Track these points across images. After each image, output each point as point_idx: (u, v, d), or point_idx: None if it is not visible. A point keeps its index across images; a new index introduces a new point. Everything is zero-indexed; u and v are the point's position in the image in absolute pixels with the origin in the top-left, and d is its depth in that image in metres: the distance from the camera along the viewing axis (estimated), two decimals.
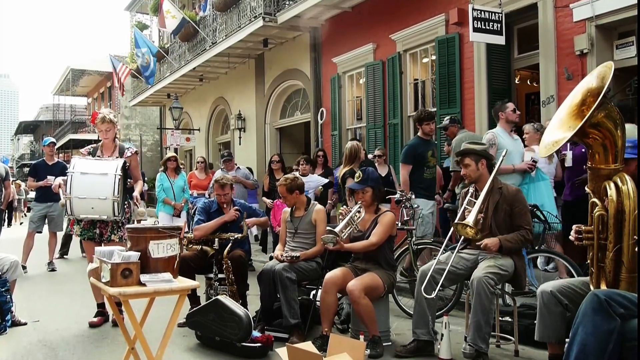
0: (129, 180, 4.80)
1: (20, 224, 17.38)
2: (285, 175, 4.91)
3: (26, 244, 7.88)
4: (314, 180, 7.81)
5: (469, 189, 4.12)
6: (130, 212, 4.91)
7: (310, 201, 4.83)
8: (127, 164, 4.73)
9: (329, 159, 8.96)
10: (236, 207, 5.04)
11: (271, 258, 4.83)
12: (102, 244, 4.65)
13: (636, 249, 2.41)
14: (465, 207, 3.87)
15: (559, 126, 2.58)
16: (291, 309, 4.21)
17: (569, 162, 5.67)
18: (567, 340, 2.62)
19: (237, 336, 3.94)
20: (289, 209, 4.84)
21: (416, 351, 3.85)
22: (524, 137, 6.48)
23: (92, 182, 4.30)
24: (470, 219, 3.59)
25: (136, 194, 4.74)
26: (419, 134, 6.10)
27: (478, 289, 3.55)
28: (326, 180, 7.62)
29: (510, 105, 5.40)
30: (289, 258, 4.39)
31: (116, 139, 4.90)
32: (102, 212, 4.37)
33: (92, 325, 4.73)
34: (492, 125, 7.29)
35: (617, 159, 2.50)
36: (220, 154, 9.31)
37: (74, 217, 4.60)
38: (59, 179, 4.97)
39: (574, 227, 2.76)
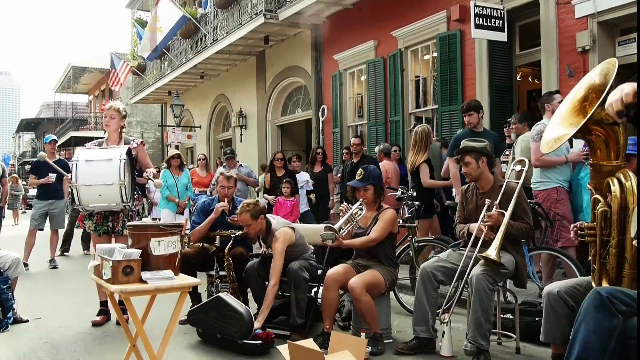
0: (136, 173, 4.80)
1: (13, 225, 15.93)
2: (245, 201, 4.63)
3: (27, 242, 7.89)
4: (303, 180, 7.95)
5: (468, 187, 4.11)
6: (140, 204, 4.90)
7: (270, 227, 4.55)
8: (134, 155, 4.73)
9: (329, 156, 8.99)
10: (223, 205, 4.94)
11: (258, 256, 4.78)
12: (114, 238, 4.66)
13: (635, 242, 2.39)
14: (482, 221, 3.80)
15: (560, 122, 2.55)
16: (299, 308, 4.22)
17: None
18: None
19: (238, 333, 3.94)
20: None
21: (417, 348, 3.85)
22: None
23: (97, 169, 4.26)
24: (492, 252, 3.53)
25: (152, 169, 4.73)
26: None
27: (477, 286, 3.54)
28: (310, 188, 8.01)
29: (558, 97, 5.06)
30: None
31: (122, 133, 4.91)
32: (110, 198, 4.30)
33: (95, 324, 4.72)
34: (492, 122, 7.30)
35: (619, 155, 2.48)
36: (223, 151, 9.31)
37: (83, 210, 4.54)
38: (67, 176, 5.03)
39: (576, 224, 2.75)
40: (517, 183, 3.89)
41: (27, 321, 4.85)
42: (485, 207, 3.81)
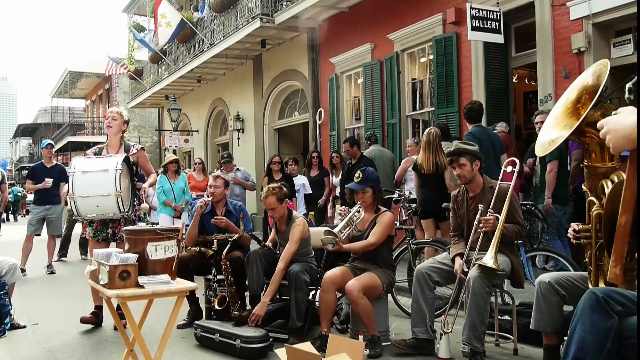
0: (136, 179, 4.79)
1: None
2: (270, 185, 4.61)
3: (25, 247, 7.87)
4: (299, 183, 7.95)
5: (459, 192, 4.10)
6: (140, 209, 4.90)
7: (291, 214, 4.61)
8: (133, 161, 4.73)
9: (324, 160, 9.00)
10: (202, 200, 4.98)
11: (262, 246, 4.79)
12: (116, 244, 4.66)
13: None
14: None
15: (554, 125, 2.55)
16: (299, 311, 4.21)
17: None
18: (563, 334, 2.62)
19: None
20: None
21: (415, 347, 3.84)
22: (407, 149, 7.01)
23: (93, 180, 4.25)
24: (489, 262, 3.51)
25: (146, 185, 4.75)
26: None
27: (473, 288, 3.54)
28: (307, 192, 8.14)
29: None
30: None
31: (122, 138, 4.92)
32: (107, 209, 4.32)
33: (83, 320, 4.71)
34: (488, 125, 7.31)
35: (614, 157, 2.48)
36: (220, 155, 9.30)
37: (82, 219, 4.57)
38: (65, 187, 5.02)
39: (572, 225, 2.76)
40: (509, 185, 3.88)
41: (24, 327, 4.84)
42: (479, 212, 3.80)
